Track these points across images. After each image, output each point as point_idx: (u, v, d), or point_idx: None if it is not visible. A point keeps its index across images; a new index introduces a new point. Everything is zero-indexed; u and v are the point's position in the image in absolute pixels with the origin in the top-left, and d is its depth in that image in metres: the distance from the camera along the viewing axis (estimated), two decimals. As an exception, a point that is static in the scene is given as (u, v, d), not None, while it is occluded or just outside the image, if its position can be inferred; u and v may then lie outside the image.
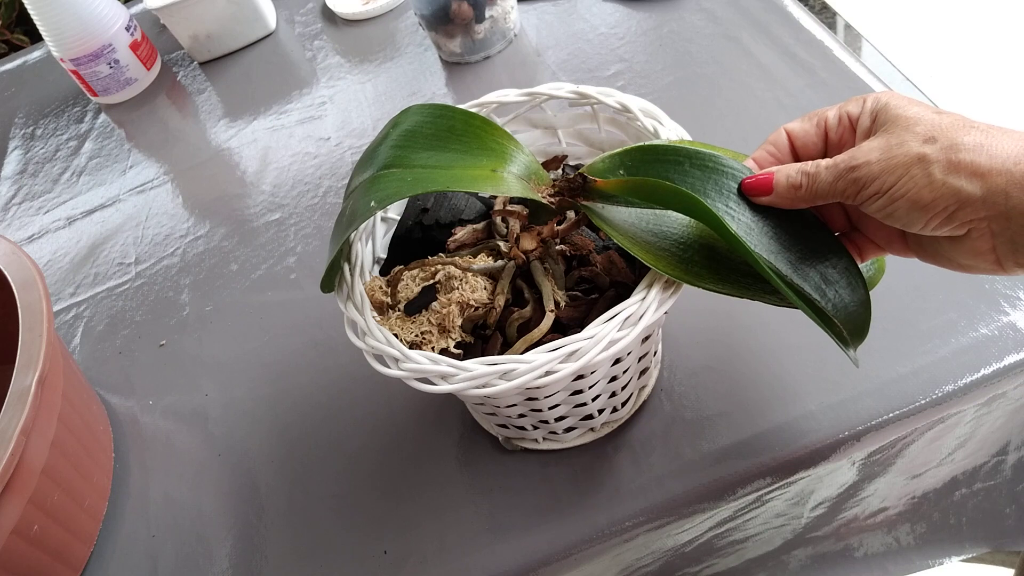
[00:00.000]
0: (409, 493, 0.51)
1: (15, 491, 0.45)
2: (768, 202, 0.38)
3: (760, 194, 0.38)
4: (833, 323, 0.38)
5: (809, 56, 0.68)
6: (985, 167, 0.31)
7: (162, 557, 0.53)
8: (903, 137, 0.33)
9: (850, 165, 0.34)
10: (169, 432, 0.60)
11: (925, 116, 0.34)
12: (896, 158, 0.33)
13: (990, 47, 1.64)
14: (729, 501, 0.47)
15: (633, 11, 0.80)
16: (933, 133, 0.33)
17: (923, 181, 0.32)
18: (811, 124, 0.39)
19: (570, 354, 0.36)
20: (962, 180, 0.32)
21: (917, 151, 0.33)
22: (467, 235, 0.47)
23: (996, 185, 0.31)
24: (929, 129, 0.33)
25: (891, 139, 0.34)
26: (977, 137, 0.32)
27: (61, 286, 0.75)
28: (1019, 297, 0.50)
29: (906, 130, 0.34)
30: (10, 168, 0.92)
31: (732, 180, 0.38)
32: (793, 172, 0.37)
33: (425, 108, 0.42)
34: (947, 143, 0.32)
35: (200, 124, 0.88)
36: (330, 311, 0.62)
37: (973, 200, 0.32)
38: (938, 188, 0.32)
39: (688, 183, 0.38)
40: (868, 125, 0.37)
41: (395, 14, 0.91)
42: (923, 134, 0.33)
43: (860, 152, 0.35)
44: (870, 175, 0.34)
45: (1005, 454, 0.57)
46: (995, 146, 0.32)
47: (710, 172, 0.38)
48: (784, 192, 0.37)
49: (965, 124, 0.33)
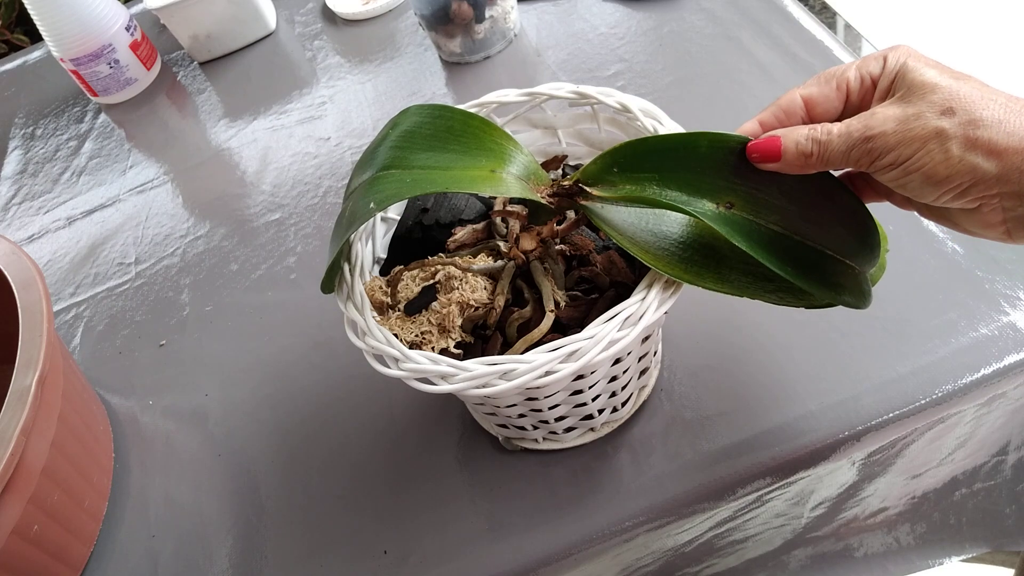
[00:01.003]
0: (409, 493, 0.51)
1: (15, 491, 0.45)
2: (776, 168, 0.36)
3: (767, 160, 0.36)
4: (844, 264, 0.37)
5: (809, 56, 0.68)
6: (1002, 145, 0.31)
7: (162, 557, 0.53)
8: (920, 108, 0.33)
9: (865, 135, 0.33)
10: (169, 432, 0.60)
11: (943, 83, 0.33)
12: (913, 131, 0.32)
13: (990, 47, 1.64)
14: (729, 501, 0.47)
15: (633, 11, 0.80)
16: (951, 103, 0.32)
17: (940, 157, 0.32)
18: (830, 87, 0.37)
19: (570, 354, 0.36)
20: (979, 158, 0.31)
21: (935, 125, 0.32)
22: (467, 235, 0.47)
23: (1012, 163, 0.31)
24: (947, 98, 0.32)
25: (908, 109, 0.33)
26: (996, 112, 0.31)
27: (61, 286, 0.75)
28: (1019, 297, 0.50)
29: (923, 99, 0.33)
30: (10, 168, 0.92)
31: (730, 154, 0.38)
32: (803, 139, 0.35)
33: (424, 109, 0.42)
34: (966, 117, 0.32)
35: (200, 124, 0.88)
36: (330, 311, 0.62)
37: (988, 178, 0.31)
38: (954, 165, 0.32)
39: (685, 168, 0.38)
40: (887, 87, 0.35)
41: (395, 14, 0.91)
42: (941, 104, 0.32)
43: (875, 121, 0.33)
44: (886, 146, 0.33)
45: (1005, 454, 0.57)
46: (1013, 122, 0.31)
47: (706, 153, 0.38)
48: (793, 159, 0.36)
49: (984, 95, 0.32)
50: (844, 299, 0.38)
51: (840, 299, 0.37)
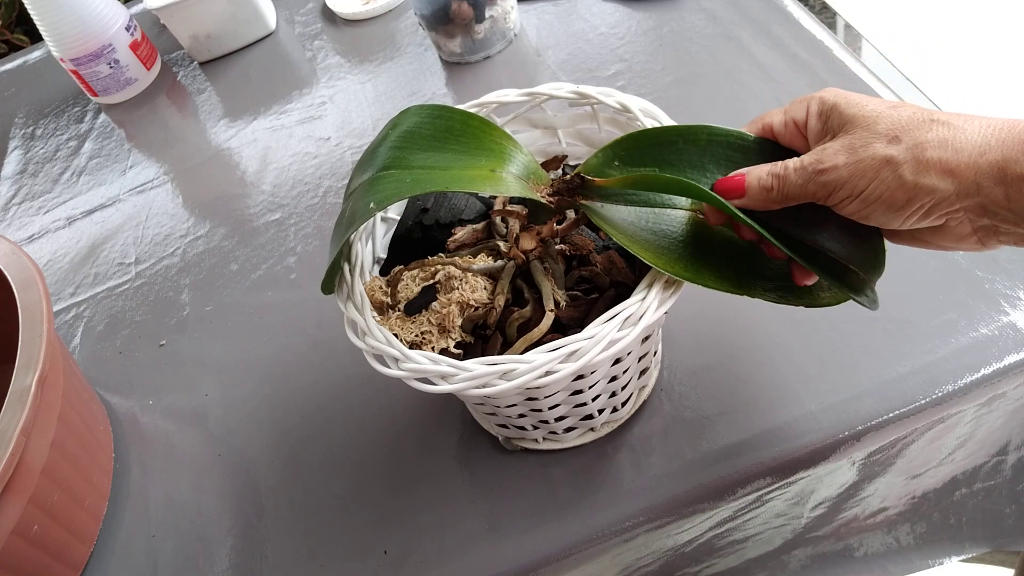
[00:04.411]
0: (409, 493, 0.51)
1: (15, 491, 0.45)
2: (741, 204, 0.37)
3: (733, 196, 0.37)
4: (849, 270, 0.37)
5: (809, 56, 0.68)
6: (953, 163, 0.31)
7: (162, 557, 0.53)
8: (866, 138, 0.33)
9: (817, 169, 0.34)
10: (169, 432, 0.60)
11: (884, 112, 0.33)
12: (863, 161, 0.33)
13: (990, 47, 1.64)
14: (729, 501, 0.47)
15: (633, 11, 0.80)
16: (896, 132, 0.32)
17: (895, 183, 0.32)
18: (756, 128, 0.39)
19: (570, 354, 0.36)
20: (933, 178, 0.31)
21: (884, 153, 0.32)
22: (467, 235, 0.47)
23: (967, 178, 0.31)
24: (891, 127, 0.33)
25: (854, 139, 0.33)
26: (940, 132, 0.32)
27: (61, 286, 0.75)
28: (1019, 297, 0.50)
29: (867, 129, 0.33)
30: (10, 168, 0.92)
31: (729, 148, 0.38)
32: (764, 174, 0.36)
33: (424, 109, 0.42)
34: (911, 142, 0.32)
35: (200, 124, 0.88)
36: (330, 311, 0.62)
37: (947, 196, 0.32)
38: (910, 189, 0.32)
39: (685, 160, 0.38)
40: (819, 128, 0.36)
41: (395, 14, 0.91)
42: (886, 133, 0.33)
43: (826, 155, 0.34)
44: (839, 179, 0.33)
45: (1005, 454, 0.57)
46: (959, 139, 0.31)
47: (705, 145, 0.38)
48: (756, 195, 0.36)
49: (925, 119, 0.32)
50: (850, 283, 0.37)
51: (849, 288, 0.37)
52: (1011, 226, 0.32)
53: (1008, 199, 0.31)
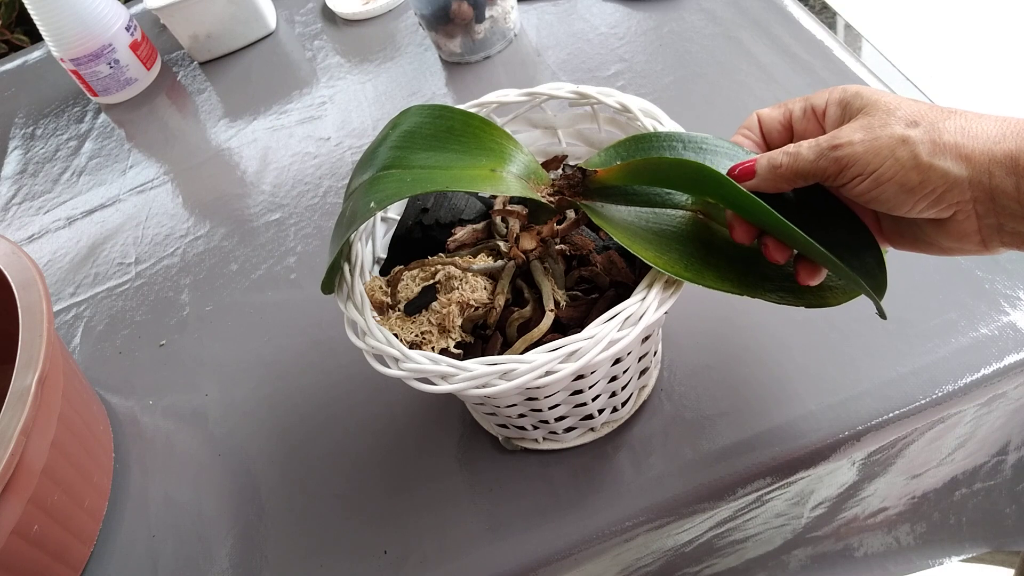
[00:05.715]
0: (409, 493, 0.51)
1: (15, 491, 0.45)
2: (752, 186, 0.37)
3: (744, 178, 0.37)
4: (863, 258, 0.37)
5: (809, 56, 0.68)
6: (968, 148, 0.32)
7: (162, 557, 0.53)
8: (885, 119, 0.34)
9: (832, 144, 0.34)
10: (169, 432, 0.60)
11: (903, 103, 0.34)
12: (880, 139, 0.33)
13: (990, 47, 1.64)
14: (729, 501, 0.47)
15: (633, 11, 0.80)
16: (915, 118, 0.33)
17: (910, 163, 0.32)
18: (778, 112, 0.39)
19: (570, 354, 0.36)
20: (948, 161, 0.32)
21: (901, 133, 0.33)
22: (467, 235, 0.47)
23: (980, 165, 0.32)
24: (910, 114, 0.33)
25: (873, 120, 0.34)
26: (957, 121, 0.33)
27: (61, 286, 0.75)
28: (1019, 297, 0.50)
29: (888, 114, 0.34)
30: (10, 168, 0.92)
31: (727, 159, 0.38)
32: (776, 154, 0.36)
33: (424, 109, 0.42)
34: (930, 126, 0.33)
35: (200, 124, 0.88)
36: (330, 311, 0.62)
37: (960, 181, 0.32)
38: (925, 170, 0.32)
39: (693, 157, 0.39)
40: (838, 115, 0.36)
41: (395, 14, 0.91)
42: (905, 118, 0.33)
43: (842, 132, 0.34)
44: (853, 155, 0.34)
45: (1005, 454, 0.57)
46: (975, 128, 0.32)
47: (704, 153, 0.39)
48: (765, 173, 0.36)
49: (943, 110, 0.33)
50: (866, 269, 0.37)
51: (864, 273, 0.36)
52: (1016, 223, 0.32)
53: (1018, 190, 0.31)
